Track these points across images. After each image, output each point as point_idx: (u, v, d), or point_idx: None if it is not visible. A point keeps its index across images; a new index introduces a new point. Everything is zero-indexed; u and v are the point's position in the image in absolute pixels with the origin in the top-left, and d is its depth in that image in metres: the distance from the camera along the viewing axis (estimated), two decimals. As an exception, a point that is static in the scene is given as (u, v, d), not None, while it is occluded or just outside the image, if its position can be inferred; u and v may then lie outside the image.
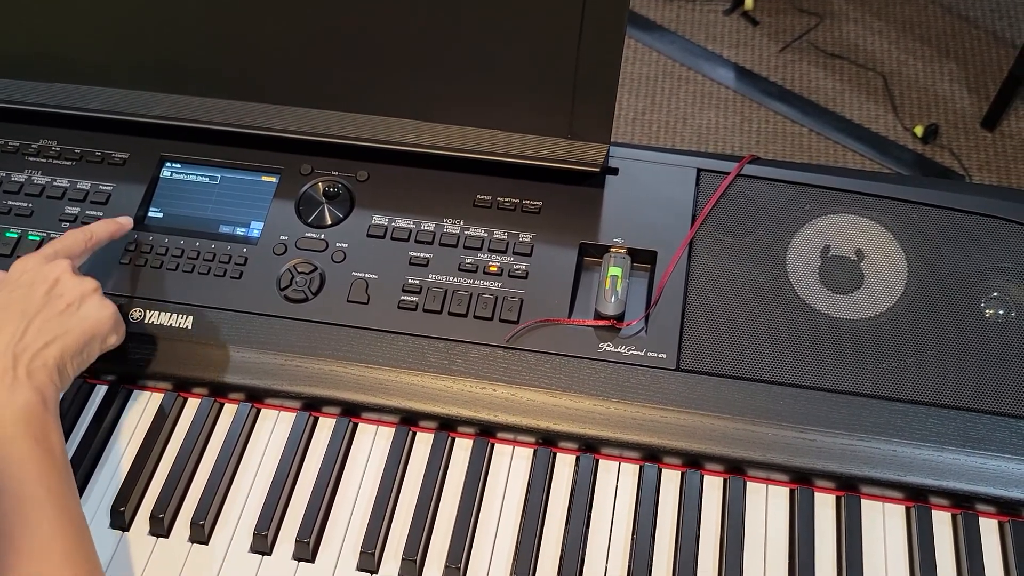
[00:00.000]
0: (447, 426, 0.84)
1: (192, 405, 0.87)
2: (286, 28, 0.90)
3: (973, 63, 2.37)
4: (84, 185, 0.95)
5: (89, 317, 0.78)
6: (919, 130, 2.22)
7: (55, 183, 0.95)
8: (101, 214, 0.93)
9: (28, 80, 0.99)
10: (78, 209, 0.93)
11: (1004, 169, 2.19)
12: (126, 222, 0.89)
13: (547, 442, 0.83)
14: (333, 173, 0.95)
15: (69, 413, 0.86)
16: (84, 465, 0.83)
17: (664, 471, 0.82)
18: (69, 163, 0.97)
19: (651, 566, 0.77)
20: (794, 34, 2.45)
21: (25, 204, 0.94)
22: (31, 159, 0.97)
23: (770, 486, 0.82)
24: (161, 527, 0.80)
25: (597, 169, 0.91)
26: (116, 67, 0.96)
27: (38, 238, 0.92)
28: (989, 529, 0.79)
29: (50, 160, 0.97)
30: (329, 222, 0.92)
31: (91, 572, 0.67)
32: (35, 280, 0.78)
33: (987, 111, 2.24)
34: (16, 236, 0.92)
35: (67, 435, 0.84)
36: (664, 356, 0.84)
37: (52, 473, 0.68)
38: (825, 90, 2.34)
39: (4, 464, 0.67)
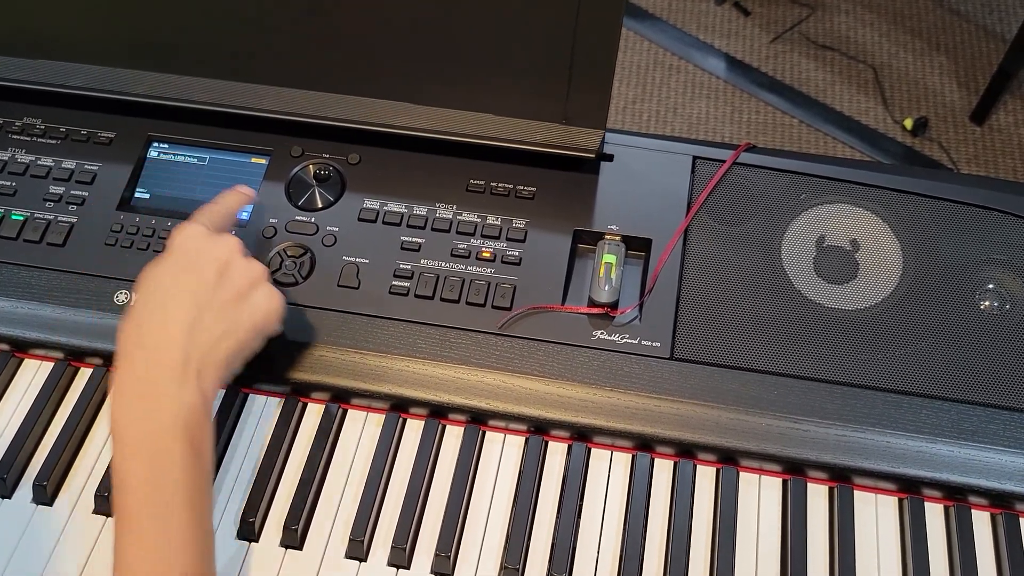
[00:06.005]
0: (438, 413, 0.83)
1: (178, 389, 0.85)
2: (277, 5, 0.88)
3: (963, 57, 2.38)
4: (69, 164, 0.93)
5: (260, 309, 0.70)
6: (908, 123, 2.22)
7: (39, 162, 0.93)
8: (87, 194, 0.91)
9: (11, 56, 0.96)
10: (63, 188, 0.92)
11: (992, 163, 2.19)
12: (249, 191, 0.84)
13: (539, 430, 0.83)
14: (324, 156, 0.93)
15: (52, 396, 0.84)
16: (68, 451, 0.81)
17: (657, 460, 0.82)
18: (54, 142, 0.95)
19: (643, 556, 0.77)
20: (785, 25, 2.45)
21: (8, 183, 0.92)
22: (14, 137, 0.95)
23: (763, 476, 0.81)
24: (146, 513, 0.78)
25: (592, 155, 0.90)
26: (103, 44, 0.94)
27: (21, 218, 0.90)
28: (981, 521, 0.79)
29: (34, 138, 0.95)
30: (320, 205, 0.91)
31: None
32: (203, 259, 0.70)
33: (976, 105, 2.24)
34: (-1, 215, 0.91)
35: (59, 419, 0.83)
36: (658, 345, 0.83)
37: (198, 483, 0.64)
38: (816, 81, 2.34)
39: (156, 461, 0.63)
